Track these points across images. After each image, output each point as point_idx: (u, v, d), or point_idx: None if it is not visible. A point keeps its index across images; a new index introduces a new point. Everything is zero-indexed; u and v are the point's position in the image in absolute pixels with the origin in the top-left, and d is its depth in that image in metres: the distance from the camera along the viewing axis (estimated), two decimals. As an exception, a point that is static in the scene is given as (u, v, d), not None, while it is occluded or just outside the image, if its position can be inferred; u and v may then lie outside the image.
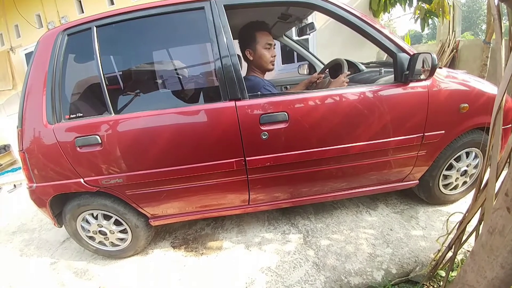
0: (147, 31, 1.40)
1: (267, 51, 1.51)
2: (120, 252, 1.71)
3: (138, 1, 4.45)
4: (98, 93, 1.33)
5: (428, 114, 1.38)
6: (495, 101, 0.86)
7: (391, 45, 1.34)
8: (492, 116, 0.88)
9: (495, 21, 0.91)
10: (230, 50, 1.28)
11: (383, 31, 1.34)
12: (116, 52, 1.46)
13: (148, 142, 1.33)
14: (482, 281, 0.77)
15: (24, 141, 1.36)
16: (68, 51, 1.35)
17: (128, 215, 1.55)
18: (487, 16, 2.93)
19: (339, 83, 1.48)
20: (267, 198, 1.58)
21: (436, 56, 1.23)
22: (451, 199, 1.76)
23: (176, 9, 1.29)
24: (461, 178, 1.67)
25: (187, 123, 1.33)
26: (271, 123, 1.31)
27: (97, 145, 1.31)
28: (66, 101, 1.36)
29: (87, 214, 1.56)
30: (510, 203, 0.68)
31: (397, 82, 1.35)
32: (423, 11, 3.37)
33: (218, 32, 1.27)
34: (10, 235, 2.22)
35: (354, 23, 1.33)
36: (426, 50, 2.00)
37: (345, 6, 1.34)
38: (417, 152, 1.48)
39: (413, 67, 1.26)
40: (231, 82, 1.28)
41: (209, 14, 1.27)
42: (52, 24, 4.92)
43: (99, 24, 1.32)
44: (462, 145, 1.54)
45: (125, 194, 1.45)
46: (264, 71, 1.59)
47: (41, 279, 1.69)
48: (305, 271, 1.44)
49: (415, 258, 1.41)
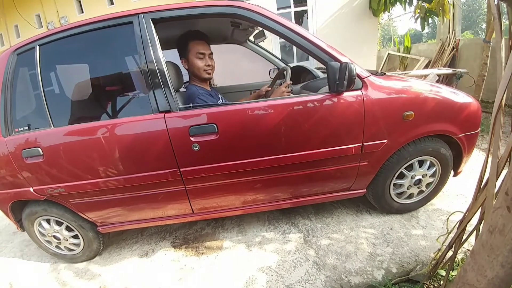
0: (82, 47, 1.45)
1: (200, 60, 1.51)
2: (75, 257, 1.77)
3: (138, 1, 4.45)
4: (40, 107, 1.40)
5: (365, 123, 1.34)
6: (495, 100, 0.86)
7: (321, 54, 1.30)
8: (492, 115, 0.88)
9: (495, 20, 0.91)
10: (157, 63, 1.29)
11: (312, 39, 1.31)
12: (57, 68, 1.53)
13: (84, 153, 1.37)
14: (482, 280, 0.77)
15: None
16: (18, 70, 1.44)
17: (78, 222, 1.62)
18: (487, 15, 2.93)
19: (279, 92, 1.47)
20: (211, 207, 1.60)
21: (354, 67, 1.19)
22: (406, 208, 1.72)
23: (107, 24, 1.33)
24: (416, 187, 1.63)
25: (120, 135, 1.34)
26: (201, 135, 1.32)
27: (39, 156, 1.38)
28: (15, 115, 1.44)
29: (42, 220, 1.64)
30: (511, 202, 0.68)
31: (331, 92, 1.31)
32: (423, 10, 3.37)
33: (145, 45, 1.29)
34: (10, 235, 2.23)
35: (281, 32, 1.30)
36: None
37: (271, 15, 1.30)
38: (358, 162, 1.45)
39: (342, 77, 1.21)
40: (160, 94, 1.31)
41: (137, 29, 1.29)
42: (52, 24, 4.92)
43: (41, 43, 1.39)
44: (413, 154, 1.49)
45: (70, 202, 1.52)
46: (202, 80, 1.59)
47: (42, 279, 1.69)
48: (305, 270, 1.44)
49: (416, 257, 1.41)
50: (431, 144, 1.49)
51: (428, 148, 1.49)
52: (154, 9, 1.31)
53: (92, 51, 1.49)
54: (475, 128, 1.52)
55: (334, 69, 1.23)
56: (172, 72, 1.45)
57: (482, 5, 30.90)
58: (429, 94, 1.40)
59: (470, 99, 1.49)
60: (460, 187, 1.96)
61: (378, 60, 5.78)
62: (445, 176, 1.64)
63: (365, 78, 1.33)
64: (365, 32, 3.90)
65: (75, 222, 1.61)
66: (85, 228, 1.64)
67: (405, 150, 1.47)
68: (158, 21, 1.32)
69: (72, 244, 1.72)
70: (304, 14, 3.93)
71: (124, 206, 1.55)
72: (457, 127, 1.46)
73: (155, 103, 1.31)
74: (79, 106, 1.56)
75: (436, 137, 1.50)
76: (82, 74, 1.55)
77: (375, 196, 1.65)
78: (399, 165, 1.52)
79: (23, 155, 1.39)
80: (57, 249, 1.76)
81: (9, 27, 5.18)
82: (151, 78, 1.30)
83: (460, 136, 1.48)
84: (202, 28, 1.63)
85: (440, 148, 1.51)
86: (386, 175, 1.54)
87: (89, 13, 4.63)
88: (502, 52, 0.94)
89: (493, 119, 0.88)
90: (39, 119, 1.41)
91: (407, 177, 1.58)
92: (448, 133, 1.46)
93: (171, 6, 1.31)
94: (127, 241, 1.93)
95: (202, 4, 1.31)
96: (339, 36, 3.87)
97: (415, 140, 1.46)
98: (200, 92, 1.50)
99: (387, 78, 1.42)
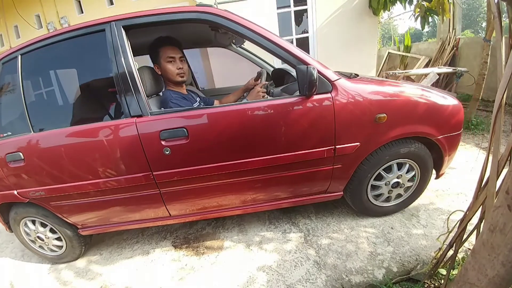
0: (59, 55, 1.49)
1: (171, 65, 1.52)
2: (59, 257, 1.80)
3: (138, 1, 4.45)
4: (22, 113, 1.44)
5: (336, 126, 1.33)
6: (496, 99, 0.86)
7: (289, 58, 1.30)
8: (492, 114, 0.88)
9: (495, 19, 0.91)
10: (128, 69, 1.31)
11: (281, 43, 1.30)
12: (39, 75, 1.57)
13: (60, 158, 1.40)
14: (483, 279, 0.77)
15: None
16: (2, 78, 1.50)
17: (59, 224, 1.66)
18: (487, 13, 2.92)
19: (255, 92, 1.48)
20: (187, 210, 1.61)
21: (315, 71, 1.18)
22: (385, 211, 1.71)
23: (81, 33, 1.36)
24: (395, 190, 1.61)
25: (93, 140, 1.37)
26: (171, 139, 1.33)
27: (21, 160, 1.43)
28: (0, 121, 1.50)
29: (27, 220, 1.69)
30: (511, 201, 0.68)
31: (301, 95, 1.30)
32: (423, 9, 3.35)
33: (117, 52, 1.31)
34: (11, 236, 2.23)
35: (249, 37, 1.31)
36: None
37: (239, 20, 1.31)
38: (332, 165, 1.45)
39: (307, 80, 1.21)
40: (131, 100, 1.33)
41: (109, 36, 1.32)
42: (51, 24, 4.91)
43: (23, 52, 1.43)
44: (390, 157, 1.47)
45: (50, 205, 1.56)
46: (176, 84, 1.60)
47: (43, 279, 1.70)
48: (306, 270, 1.44)
49: (416, 256, 1.41)
50: (408, 146, 1.46)
51: (405, 151, 1.47)
52: (124, 16, 1.34)
53: (69, 59, 1.52)
54: (456, 129, 1.49)
55: (302, 72, 1.22)
56: (148, 77, 1.48)
57: (482, 4, 30.85)
58: (404, 96, 1.38)
59: (451, 100, 1.47)
60: (461, 186, 1.96)
61: (378, 59, 5.77)
62: (425, 178, 1.62)
63: (335, 81, 1.33)
64: (365, 31, 3.88)
65: (57, 224, 1.65)
66: (66, 230, 1.67)
67: (381, 152, 1.46)
68: (129, 28, 1.35)
69: (55, 246, 1.76)
70: (304, 13, 3.92)
71: (102, 209, 1.57)
72: (435, 129, 1.44)
73: (127, 108, 1.33)
74: (56, 112, 1.59)
75: (414, 139, 1.48)
76: (61, 81, 1.58)
77: (353, 199, 1.64)
78: (376, 167, 1.50)
79: (7, 160, 1.44)
80: (41, 249, 1.79)
81: (9, 27, 5.18)
82: (122, 84, 1.32)
83: (439, 137, 1.46)
84: (184, 33, 1.64)
85: (417, 150, 1.48)
86: (362, 178, 1.52)
87: (89, 13, 4.63)
88: (502, 51, 0.94)
89: (493, 118, 0.88)
90: (20, 124, 1.45)
91: (385, 180, 1.56)
92: (426, 134, 1.44)
93: (141, 13, 1.34)
94: (128, 241, 1.94)
95: (171, 10, 1.32)
96: (339, 35, 3.86)
97: (392, 142, 1.44)
98: (173, 96, 1.51)
99: (358, 81, 1.41)
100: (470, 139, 2.85)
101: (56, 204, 1.54)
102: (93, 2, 4.64)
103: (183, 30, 1.85)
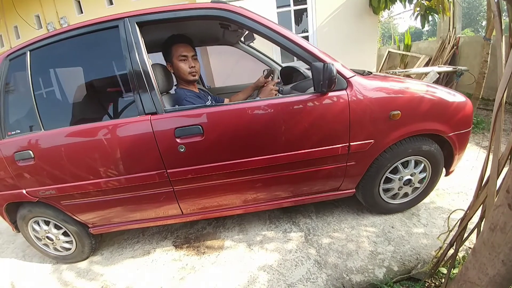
0: (71, 51, 1.47)
1: (183, 63, 1.52)
2: (68, 257, 1.78)
3: (138, 2, 4.44)
4: (31, 110, 1.42)
5: (351, 123, 1.34)
6: (496, 98, 0.86)
7: (305, 54, 1.30)
8: (493, 113, 0.88)
9: (495, 18, 0.91)
10: (142, 66, 1.30)
11: (296, 40, 1.30)
12: (49, 72, 1.55)
13: (73, 156, 1.39)
14: (483, 278, 0.77)
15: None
16: (10, 74, 1.46)
17: (70, 224, 1.64)
18: (487, 12, 2.92)
19: (267, 91, 1.48)
20: (200, 208, 1.61)
21: (333, 67, 1.18)
22: (389, 207, 1.71)
23: (94, 29, 1.35)
24: (404, 188, 1.62)
25: (107, 138, 1.35)
26: (186, 137, 1.32)
27: (31, 159, 1.40)
28: (8, 118, 1.46)
29: (35, 221, 1.66)
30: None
31: (316, 92, 1.30)
32: (423, 7, 3.35)
33: (131, 49, 1.30)
34: (12, 236, 2.23)
35: (264, 33, 1.30)
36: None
37: (254, 17, 1.30)
38: (345, 162, 1.45)
39: (326, 77, 1.20)
40: (145, 97, 1.32)
41: (123, 32, 1.31)
42: (51, 25, 4.91)
43: (32, 48, 1.40)
44: (401, 154, 1.47)
45: (61, 204, 1.54)
46: (188, 82, 1.59)
47: (44, 279, 1.70)
48: (306, 269, 1.44)
49: (417, 255, 1.41)
50: (420, 143, 1.47)
51: (417, 148, 1.47)
52: (139, 12, 1.32)
53: (80, 55, 1.51)
54: (466, 126, 1.50)
55: (318, 70, 1.22)
56: (160, 74, 1.47)
57: (482, 3, 30.79)
58: (417, 93, 1.39)
59: (460, 97, 1.47)
60: (461, 185, 1.96)
61: (378, 58, 5.77)
62: (436, 175, 1.62)
63: (350, 78, 1.33)
64: (365, 30, 3.88)
65: (67, 224, 1.63)
66: (77, 229, 1.66)
67: (393, 150, 1.46)
68: (143, 24, 1.33)
69: (64, 246, 1.74)
70: (304, 12, 3.92)
71: (114, 207, 1.56)
72: (447, 126, 1.45)
73: (141, 105, 1.32)
74: (68, 109, 1.57)
75: (426, 136, 1.48)
76: (72, 78, 1.56)
77: (365, 196, 1.64)
78: (397, 158, 1.51)
79: (16, 158, 1.41)
80: (48, 249, 1.77)
81: (9, 28, 5.18)
82: (136, 81, 1.31)
83: (450, 135, 1.47)
84: (192, 31, 1.63)
85: (429, 147, 1.49)
86: (375, 175, 1.53)
87: (89, 14, 4.62)
88: (502, 50, 0.94)
89: (493, 117, 0.88)
90: (30, 122, 1.43)
91: (400, 174, 1.57)
92: (438, 132, 1.45)
93: (156, 9, 1.32)
94: (128, 240, 1.94)
95: (185, 7, 1.32)
96: (339, 35, 3.86)
97: (404, 139, 1.45)
98: (187, 94, 1.51)
99: (373, 77, 1.41)
100: (470, 138, 2.84)
101: (67, 203, 1.52)
102: (93, 2, 4.64)
103: (191, 28, 1.82)
